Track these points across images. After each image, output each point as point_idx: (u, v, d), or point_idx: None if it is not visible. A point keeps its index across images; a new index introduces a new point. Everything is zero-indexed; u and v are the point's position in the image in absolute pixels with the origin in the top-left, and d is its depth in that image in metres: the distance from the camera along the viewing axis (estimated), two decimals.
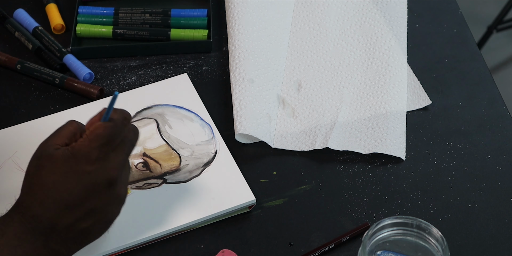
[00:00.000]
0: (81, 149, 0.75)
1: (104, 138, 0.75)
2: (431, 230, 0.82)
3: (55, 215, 0.74)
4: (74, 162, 0.74)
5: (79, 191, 0.74)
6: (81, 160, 0.74)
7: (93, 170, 0.75)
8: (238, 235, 0.90)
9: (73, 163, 0.74)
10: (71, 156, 0.75)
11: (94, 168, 0.75)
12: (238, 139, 0.98)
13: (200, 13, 1.11)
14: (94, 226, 0.77)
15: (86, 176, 0.74)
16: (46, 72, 1.05)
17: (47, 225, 0.74)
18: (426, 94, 1.03)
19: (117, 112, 0.78)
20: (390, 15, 1.11)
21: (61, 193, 0.74)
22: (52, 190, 0.74)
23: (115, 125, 0.76)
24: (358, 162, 0.96)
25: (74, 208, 0.75)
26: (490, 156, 0.96)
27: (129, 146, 0.78)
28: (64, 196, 0.74)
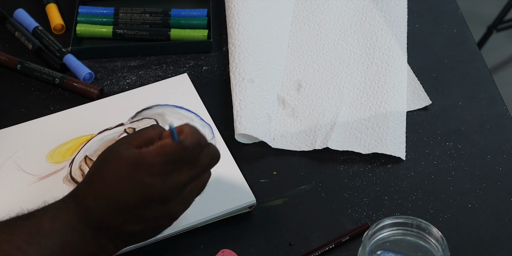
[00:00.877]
0: (145, 159, 0.74)
1: (170, 157, 0.74)
2: (431, 230, 0.82)
3: (106, 213, 0.75)
4: (135, 168, 0.74)
5: (131, 198, 0.74)
6: (142, 169, 0.74)
7: (149, 183, 0.74)
8: (238, 235, 0.90)
9: (135, 169, 0.74)
10: (135, 162, 0.74)
11: (152, 181, 0.74)
12: (238, 139, 0.98)
13: (200, 13, 1.11)
14: (141, 232, 0.77)
15: (142, 186, 0.74)
16: (46, 72, 1.05)
17: (98, 219, 0.75)
18: (426, 94, 1.03)
19: (193, 136, 0.76)
20: (390, 15, 1.11)
21: (115, 195, 0.74)
22: (108, 188, 0.74)
23: (184, 149, 0.75)
24: (358, 162, 0.96)
25: (123, 212, 0.75)
26: (490, 156, 0.96)
27: (199, 171, 0.77)
28: (117, 198, 0.74)
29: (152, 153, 0.74)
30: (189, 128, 0.76)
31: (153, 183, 0.74)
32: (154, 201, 0.75)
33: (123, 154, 0.75)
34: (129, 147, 0.76)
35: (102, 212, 0.75)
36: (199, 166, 0.77)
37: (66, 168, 0.95)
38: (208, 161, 0.78)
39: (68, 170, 0.95)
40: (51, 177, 0.94)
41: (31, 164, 0.95)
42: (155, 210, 0.75)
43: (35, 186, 0.93)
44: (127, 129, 0.99)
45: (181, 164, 0.75)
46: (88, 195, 0.75)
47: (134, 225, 0.76)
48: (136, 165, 0.74)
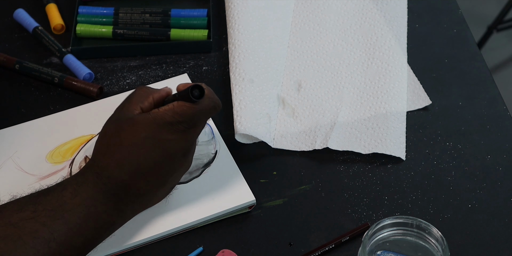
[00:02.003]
0: (164, 118, 0.78)
1: (188, 117, 0.79)
2: (431, 230, 0.82)
3: (130, 178, 0.77)
4: (156, 128, 0.77)
5: (156, 157, 0.77)
6: (163, 127, 0.77)
7: (173, 139, 0.78)
8: (238, 235, 0.90)
9: (155, 129, 0.77)
10: (153, 122, 0.77)
11: (175, 137, 0.78)
12: (238, 139, 0.98)
13: (200, 13, 1.12)
14: (160, 191, 0.81)
15: (166, 144, 0.78)
16: (45, 71, 1.05)
17: (121, 186, 0.77)
18: (426, 94, 1.03)
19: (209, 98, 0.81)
20: (390, 15, 1.11)
21: (139, 157, 0.77)
22: (131, 153, 0.77)
23: (202, 110, 0.80)
24: (358, 162, 0.96)
25: (148, 173, 0.78)
26: (490, 156, 0.96)
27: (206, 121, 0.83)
28: (141, 161, 0.77)
29: (170, 112, 0.78)
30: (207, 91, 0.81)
31: (176, 139, 0.78)
32: (176, 156, 0.79)
33: (136, 118, 0.78)
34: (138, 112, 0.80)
35: (126, 179, 0.77)
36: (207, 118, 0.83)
37: (66, 168, 0.95)
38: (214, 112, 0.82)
39: (68, 170, 0.95)
40: (51, 177, 0.94)
41: (31, 164, 0.95)
42: (177, 165, 0.80)
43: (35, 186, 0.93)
44: None
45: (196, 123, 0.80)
46: (110, 164, 0.77)
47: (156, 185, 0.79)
48: (156, 125, 0.77)
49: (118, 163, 0.77)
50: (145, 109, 0.81)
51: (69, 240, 0.74)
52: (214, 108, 0.81)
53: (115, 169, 0.77)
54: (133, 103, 0.81)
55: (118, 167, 0.77)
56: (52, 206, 0.75)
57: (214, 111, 0.81)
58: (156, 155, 0.77)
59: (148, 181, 0.78)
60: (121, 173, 0.77)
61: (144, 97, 0.81)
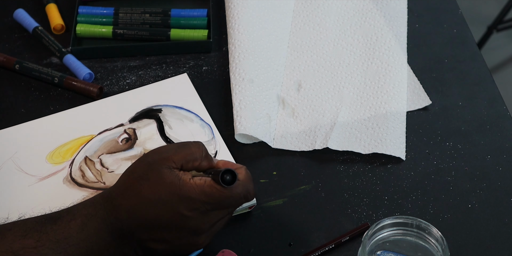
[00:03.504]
0: (189, 192, 0.75)
1: (214, 200, 0.76)
2: (431, 230, 0.82)
3: (136, 227, 0.76)
4: (177, 199, 0.75)
5: (165, 224, 0.76)
6: (183, 201, 0.75)
7: (187, 216, 0.76)
8: (238, 235, 0.90)
9: (176, 199, 0.75)
10: (177, 190, 0.75)
11: (190, 215, 0.76)
12: (238, 139, 0.98)
13: (200, 13, 1.11)
14: (163, 250, 0.78)
15: (179, 216, 0.76)
16: (45, 71, 1.05)
17: (126, 231, 0.76)
18: (426, 94, 1.03)
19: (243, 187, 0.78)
20: (390, 15, 1.11)
21: (150, 216, 0.76)
22: (144, 207, 0.75)
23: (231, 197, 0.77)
24: (358, 162, 0.96)
25: (153, 231, 0.76)
26: (490, 156, 0.96)
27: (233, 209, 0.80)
28: (150, 219, 0.76)
29: (197, 189, 0.76)
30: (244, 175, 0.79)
31: (191, 217, 0.76)
32: (186, 231, 0.77)
33: (166, 175, 0.76)
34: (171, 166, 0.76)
35: (132, 226, 0.76)
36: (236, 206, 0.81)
37: (66, 168, 0.95)
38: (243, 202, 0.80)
39: (68, 171, 0.95)
40: (51, 178, 0.94)
41: (31, 165, 0.95)
42: (184, 239, 0.78)
43: (35, 187, 0.93)
44: (127, 129, 0.99)
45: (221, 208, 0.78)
46: (122, 206, 0.76)
47: (159, 244, 0.78)
48: (177, 194, 0.75)
49: (129, 209, 0.76)
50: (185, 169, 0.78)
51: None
52: (245, 198, 0.78)
53: (124, 213, 0.76)
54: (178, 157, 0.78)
55: (127, 212, 0.76)
56: (57, 238, 0.74)
57: (244, 201, 0.79)
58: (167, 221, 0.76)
59: (152, 238, 0.77)
60: (129, 219, 0.76)
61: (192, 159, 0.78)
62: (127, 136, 0.98)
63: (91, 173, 0.94)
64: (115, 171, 0.94)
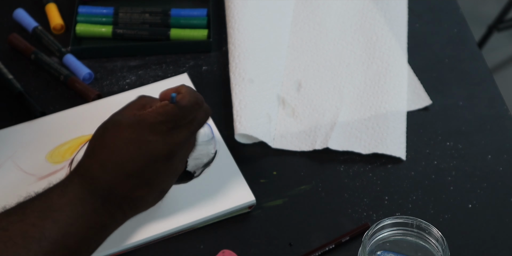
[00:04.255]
0: (146, 119, 0.77)
1: (170, 116, 0.78)
2: (431, 230, 0.82)
3: (113, 179, 0.76)
4: (138, 129, 0.77)
5: (138, 160, 0.76)
6: (144, 128, 0.77)
7: (153, 141, 0.77)
8: (238, 235, 0.90)
9: (138, 130, 0.77)
10: (136, 123, 0.77)
11: (155, 139, 0.77)
12: (238, 139, 0.98)
13: (200, 13, 1.11)
14: (148, 195, 0.79)
15: (147, 145, 0.77)
16: (55, 67, 1.06)
17: (105, 187, 0.76)
18: (426, 94, 1.03)
19: (190, 95, 0.80)
20: (390, 15, 1.11)
21: (121, 159, 0.76)
22: (113, 154, 0.76)
23: (184, 107, 0.79)
24: (358, 162, 0.96)
25: (132, 175, 0.76)
26: (490, 156, 0.96)
27: (196, 126, 0.81)
28: (123, 162, 0.76)
29: (152, 113, 0.78)
30: (186, 89, 0.81)
31: (157, 140, 0.77)
32: (160, 159, 0.77)
33: (122, 119, 0.78)
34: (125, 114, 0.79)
35: (108, 180, 0.76)
36: (196, 121, 0.81)
37: (66, 168, 0.95)
38: (202, 118, 0.82)
39: (68, 170, 0.95)
40: (50, 177, 0.94)
41: (30, 164, 0.95)
42: (162, 168, 0.78)
43: (35, 186, 0.92)
44: None
45: (180, 122, 0.79)
46: (93, 165, 0.76)
47: (141, 189, 0.77)
48: (138, 126, 0.77)
49: (101, 164, 0.76)
50: None
51: (61, 239, 0.73)
52: (196, 104, 0.80)
53: (98, 170, 0.76)
54: (128, 109, 0.80)
55: (101, 168, 0.76)
56: (39, 208, 0.74)
57: (196, 106, 0.80)
58: (138, 156, 0.76)
59: (132, 183, 0.77)
60: (104, 173, 0.76)
61: (142, 105, 0.81)
62: None
63: None
64: None
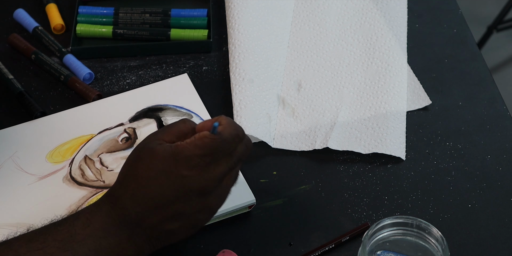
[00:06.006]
0: (183, 152, 0.73)
1: (209, 149, 0.74)
2: (431, 230, 0.82)
3: (143, 211, 0.74)
4: (173, 162, 0.73)
5: (170, 193, 0.73)
6: (180, 162, 0.73)
7: (188, 176, 0.73)
8: (238, 235, 0.90)
9: (172, 163, 0.73)
10: (171, 155, 0.73)
11: (191, 174, 0.73)
12: None
13: (200, 13, 1.12)
14: (179, 229, 0.76)
15: (181, 179, 0.73)
16: (55, 67, 1.06)
17: (135, 219, 0.74)
18: (426, 94, 1.03)
19: (230, 127, 0.76)
20: (390, 15, 1.11)
21: (153, 191, 0.73)
22: (145, 186, 0.73)
23: (224, 140, 0.75)
24: (358, 162, 0.96)
25: (162, 208, 0.74)
26: (490, 156, 0.96)
27: (235, 161, 0.77)
28: (155, 195, 0.73)
29: (190, 145, 0.74)
30: (226, 120, 0.77)
31: (192, 176, 0.73)
32: (193, 194, 0.74)
33: (157, 149, 0.74)
34: (162, 143, 0.75)
35: (139, 211, 0.74)
36: (235, 157, 0.77)
37: (66, 168, 0.95)
38: (243, 152, 0.78)
39: (68, 170, 0.95)
40: (51, 177, 0.94)
41: (31, 164, 0.95)
42: (194, 204, 0.75)
43: (35, 186, 0.93)
44: (127, 129, 0.99)
45: (219, 156, 0.75)
46: (124, 195, 0.74)
47: (173, 222, 0.75)
48: (173, 158, 0.73)
49: (131, 195, 0.74)
50: None
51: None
52: (237, 136, 0.76)
53: (128, 201, 0.74)
54: (167, 134, 0.76)
55: (131, 199, 0.74)
56: (62, 237, 0.72)
57: (237, 139, 0.76)
58: (170, 190, 0.73)
59: (162, 216, 0.74)
60: (133, 205, 0.73)
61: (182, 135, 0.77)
62: (127, 136, 0.98)
63: (90, 172, 0.94)
64: (115, 170, 0.94)
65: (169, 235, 0.76)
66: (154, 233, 0.75)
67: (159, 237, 0.76)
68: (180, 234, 0.77)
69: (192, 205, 0.75)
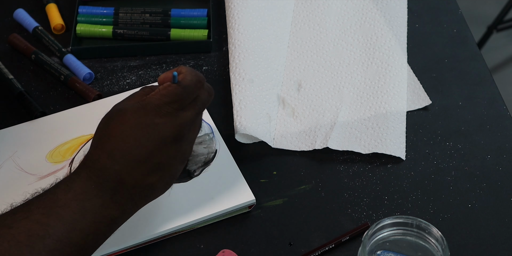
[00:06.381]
0: (151, 102, 0.76)
1: (175, 96, 0.77)
2: (431, 230, 0.82)
3: (123, 168, 0.75)
4: (143, 113, 0.76)
5: (146, 144, 0.75)
6: (150, 112, 0.76)
7: (161, 123, 0.76)
8: (238, 235, 0.90)
9: (143, 114, 0.76)
10: (141, 108, 0.76)
11: (163, 121, 0.76)
12: (238, 139, 0.98)
13: (200, 13, 1.12)
14: (159, 182, 0.78)
15: (154, 128, 0.75)
16: (55, 67, 1.06)
17: (115, 178, 0.75)
18: (426, 94, 1.03)
19: (191, 74, 0.80)
20: (390, 15, 1.11)
21: (130, 145, 0.75)
22: (120, 142, 0.75)
23: (187, 86, 0.78)
24: (358, 162, 0.96)
25: (141, 162, 0.75)
26: (490, 156, 0.96)
27: (200, 106, 0.80)
28: (132, 149, 0.75)
29: (157, 95, 0.77)
30: (186, 69, 0.80)
31: (164, 123, 0.76)
32: (168, 141, 0.76)
33: (126, 107, 0.77)
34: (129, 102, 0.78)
35: (118, 170, 0.75)
36: (200, 102, 0.80)
37: (66, 167, 0.95)
38: (206, 97, 0.81)
39: (68, 170, 0.95)
40: (51, 177, 0.94)
41: (31, 164, 0.95)
42: (170, 152, 0.77)
43: (35, 186, 0.93)
44: None
45: (185, 102, 0.78)
46: (100, 156, 0.75)
47: (153, 175, 0.76)
48: (143, 110, 0.76)
49: (108, 154, 0.75)
50: None
51: (66, 236, 0.72)
52: (198, 82, 0.79)
53: (106, 160, 0.75)
54: (131, 98, 0.79)
55: (109, 158, 0.75)
56: (45, 204, 0.73)
57: (199, 84, 0.80)
58: (146, 141, 0.75)
59: (142, 170, 0.76)
60: (113, 163, 0.75)
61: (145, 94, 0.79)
62: None
63: None
64: None
65: (150, 190, 0.78)
66: (136, 189, 0.76)
67: (141, 194, 0.77)
68: (160, 188, 0.79)
69: (168, 153, 0.77)
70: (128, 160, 0.75)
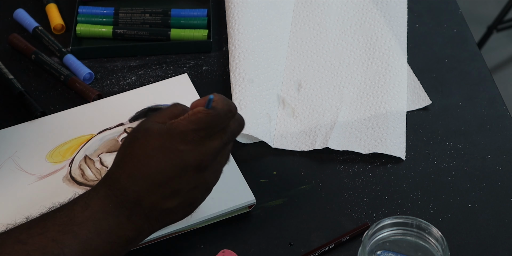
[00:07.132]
0: (178, 127, 0.74)
1: (203, 124, 0.75)
2: (431, 230, 0.82)
3: (142, 189, 0.74)
4: (168, 138, 0.74)
5: (167, 169, 0.74)
6: (175, 137, 0.74)
7: (185, 150, 0.74)
8: (238, 235, 0.90)
9: (167, 139, 0.74)
10: (166, 132, 0.74)
11: (187, 148, 0.74)
12: (238, 139, 0.98)
13: (200, 13, 1.12)
14: (178, 208, 0.76)
15: (177, 154, 0.74)
16: (55, 67, 1.06)
17: (133, 199, 0.74)
18: (426, 94, 1.03)
19: (223, 102, 0.77)
20: (390, 15, 1.11)
21: (151, 168, 0.74)
22: (142, 164, 0.74)
23: (217, 114, 0.76)
24: (358, 162, 0.96)
25: (160, 186, 0.74)
26: (490, 156, 0.96)
27: (229, 136, 0.78)
28: (152, 172, 0.74)
29: (184, 121, 0.75)
30: (219, 96, 0.78)
31: (189, 150, 0.74)
32: (190, 169, 0.75)
33: (152, 128, 0.75)
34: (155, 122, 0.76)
35: (137, 191, 0.74)
36: (229, 132, 0.78)
37: (66, 167, 0.95)
38: (236, 128, 0.79)
39: (68, 170, 0.95)
40: (51, 177, 0.94)
41: (31, 164, 0.95)
42: (191, 180, 0.75)
43: (35, 186, 0.93)
44: (127, 129, 0.99)
45: (213, 130, 0.76)
46: (121, 176, 0.74)
47: (171, 200, 0.75)
48: (168, 135, 0.74)
49: (129, 174, 0.74)
50: None
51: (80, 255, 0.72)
52: (229, 111, 0.77)
53: (126, 181, 0.74)
54: (159, 116, 0.77)
55: (129, 178, 0.74)
56: (61, 221, 0.72)
57: (230, 113, 0.77)
58: (167, 166, 0.74)
59: (161, 194, 0.74)
60: (132, 184, 0.74)
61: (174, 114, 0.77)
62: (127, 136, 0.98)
63: (90, 172, 0.94)
64: None
65: (167, 214, 0.76)
66: (153, 212, 0.75)
67: (158, 217, 0.76)
68: (178, 214, 0.77)
69: (189, 181, 0.75)
70: (147, 183, 0.74)
